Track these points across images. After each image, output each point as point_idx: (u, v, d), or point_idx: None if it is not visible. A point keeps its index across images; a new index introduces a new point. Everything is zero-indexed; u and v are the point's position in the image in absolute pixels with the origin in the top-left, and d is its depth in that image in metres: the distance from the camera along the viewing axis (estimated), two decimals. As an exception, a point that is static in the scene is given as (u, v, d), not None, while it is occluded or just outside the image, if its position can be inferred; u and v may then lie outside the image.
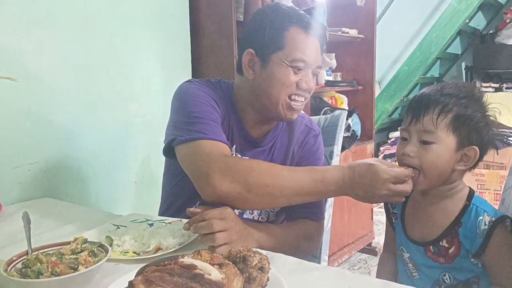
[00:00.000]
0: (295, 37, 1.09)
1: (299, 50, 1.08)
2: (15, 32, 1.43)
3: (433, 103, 0.97)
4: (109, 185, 1.75)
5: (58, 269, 0.76)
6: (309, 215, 1.17)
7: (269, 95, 1.11)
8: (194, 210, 0.94)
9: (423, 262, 1.03)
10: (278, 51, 1.09)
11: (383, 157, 4.16)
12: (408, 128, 0.99)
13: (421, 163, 0.97)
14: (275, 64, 1.09)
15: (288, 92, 1.10)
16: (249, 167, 0.99)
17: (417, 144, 0.98)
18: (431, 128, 0.95)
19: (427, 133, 0.96)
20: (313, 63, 1.11)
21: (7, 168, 1.43)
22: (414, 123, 0.98)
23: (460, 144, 0.96)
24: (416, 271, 1.05)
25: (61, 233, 1.09)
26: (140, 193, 1.37)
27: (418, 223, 1.05)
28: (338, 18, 2.88)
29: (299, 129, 1.25)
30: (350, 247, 2.88)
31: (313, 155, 1.23)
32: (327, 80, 3.02)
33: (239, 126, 1.18)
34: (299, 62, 1.08)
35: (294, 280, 0.79)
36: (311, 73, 1.12)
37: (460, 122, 0.95)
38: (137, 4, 1.81)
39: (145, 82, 1.86)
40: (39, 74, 1.50)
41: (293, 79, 1.09)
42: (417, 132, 0.97)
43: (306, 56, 1.09)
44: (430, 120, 0.96)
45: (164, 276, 0.63)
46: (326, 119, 1.40)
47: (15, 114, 1.44)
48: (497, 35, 4.10)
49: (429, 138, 0.96)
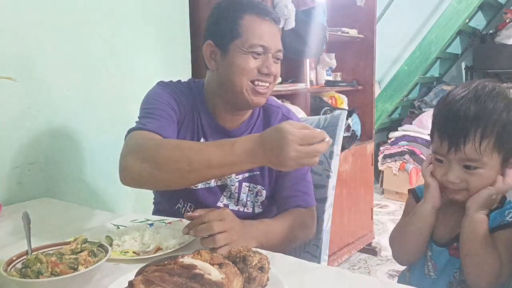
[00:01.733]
0: (250, 24, 1.12)
1: (256, 36, 1.11)
2: (15, 32, 1.43)
3: (472, 126, 0.89)
4: (109, 185, 1.75)
5: (58, 269, 0.76)
6: (300, 203, 1.18)
7: (233, 83, 1.14)
8: (192, 214, 0.94)
9: (444, 262, 1.00)
10: (235, 40, 1.12)
11: (383, 157, 4.16)
12: (448, 156, 0.94)
13: (468, 187, 0.93)
14: (235, 52, 1.12)
15: (250, 77, 1.13)
16: (158, 145, 0.99)
17: (460, 169, 0.93)
18: (475, 157, 0.90)
19: (470, 161, 0.91)
20: (271, 47, 1.13)
21: (7, 168, 1.43)
22: (454, 152, 0.92)
23: (505, 158, 0.93)
24: (434, 271, 1.02)
25: (61, 233, 1.08)
26: (140, 193, 1.37)
27: (444, 226, 1.02)
28: (338, 18, 2.88)
29: (275, 119, 1.24)
30: (350, 247, 2.88)
31: None
32: (327, 80, 3.02)
33: (210, 120, 1.21)
34: (257, 47, 1.11)
35: (294, 280, 0.79)
36: (271, 58, 1.14)
37: (503, 139, 0.91)
38: (137, 4, 1.81)
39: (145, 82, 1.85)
40: (39, 74, 1.50)
41: (252, 64, 1.12)
42: (459, 160, 0.92)
43: (264, 41, 1.12)
44: (472, 148, 0.90)
45: (164, 276, 0.63)
46: (326, 119, 1.40)
47: (15, 114, 1.44)
48: (497, 35, 4.10)
49: (473, 164, 0.92)
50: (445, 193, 0.99)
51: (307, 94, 2.66)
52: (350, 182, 2.82)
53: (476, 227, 0.92)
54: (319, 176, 1.35)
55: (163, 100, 1.15)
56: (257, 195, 1.22)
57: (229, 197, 1.22)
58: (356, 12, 2.95)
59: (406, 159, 3.94)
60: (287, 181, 1.20)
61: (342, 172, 2.70)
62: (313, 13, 2.43)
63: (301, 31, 2.38)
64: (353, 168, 2.83)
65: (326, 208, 1.32)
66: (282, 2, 2.22)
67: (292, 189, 1.19)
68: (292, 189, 1.19)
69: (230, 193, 1.21)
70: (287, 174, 1.19)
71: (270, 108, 1.27)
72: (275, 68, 1.15)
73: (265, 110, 1.27)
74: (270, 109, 1.26)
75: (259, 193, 1.21)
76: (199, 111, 1.21)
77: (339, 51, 3.07)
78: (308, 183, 1.22)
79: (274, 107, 1.27)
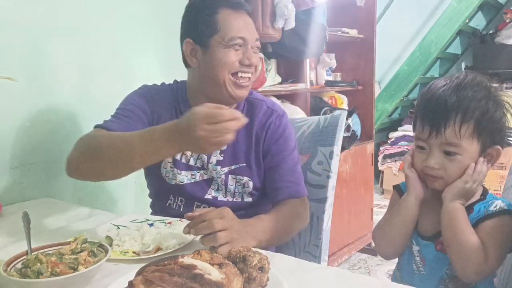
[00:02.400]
0: (226, 17, 1.15)
1: (234, 29, 1.14)
2: (15, 32, 1.43)
3: (452, 111, 0.92)
4: (109, 185, 1.75)
5: (58, 269, 0.76)
6: (292, 194, 1.19)
7: (215, 77, 1.16)
8: (192, 214, 0.94)
9: (432, 257, 1.00)
10: (215, 35, 1.15)
11: (383, 157, 4.16)
12: (428, 141, 0.96)
13: (446, 174, 0.95)
14: (215, 46, 1.15)
15: (231, 70, 1.16)
16: (93, 136, 1.07)
17: (440, 155, 0.95)
18: (455, 141, 0.93)
19: (450, 146, 0.93)
20: (250, 38, 1.16)
21: (7, 168, 1.44)
22: (434, 136, 0.94)
23: (484, 147, 0.95)
24: (423, 266, 1.02)
25: (61, 233, 1.09)
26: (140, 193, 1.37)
27: (430, 220, 1.02)
28: (338, 18, 2.88)
29: (260, 112, 1.25)
30: (350, 247, 2.88)
31: (280, 135, 1.23)
32: (327, 80, 3.02)
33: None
34: (237, 39, 1.14)
35: (294, 280, 0.79)
36: (250, 49, 1.17)
37: (482, 126, 0.93)
38: (137, 4, 1.80)
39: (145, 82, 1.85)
40: (39, 74, 1.50)
41: (234, 57, 1.15)
42: (439, 144, 0.94)
43: (242, 33, 1.15)
44: (452, 133, 0.92)
45: (164, 276, 0.63)
46: (326, 119, 1.40)
47: (15, 114, 1.44)
48: (497, 35, 4.10)
49: (453, 150, 0.93)
50: (426, 182, 1.00)
51: (307, 94, 2.66)
52: (350, 182, 2.82)
53: (452, 215, 0.94)
54: (319, 176, 1.35)
55: (132, 102, 1.21)
56: (244, 186, 1.23)
57: (217, 190, 1.23)
58: (356, 12, 2.95)
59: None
60: (277, 173, 1.21)
61: (342, 172, 2.70)
62: (313, 13, 2.43)
63: (301, 31, 2.38)
64: (353, 168, 2.83)
65: (326, 208, 1.32)
66: (282, 2, 2.22)
67: (283, 180, 1.20)
68: (283, 180, 1.20)
69: (218, 185, 1.23)
70: (277, 166, 1.21)
71: (254, 102, 1.28)
72: (255, 58, 1.18)
73: (249, 104, 1.28)
74: (255, 102, 1.28)
75: (246, 184, 1.22)
76: (181, 110, 1.23)
77: (339, 51, 3.08)
78: (298, 174, 1.23)
79: (258, 100, 1.28)
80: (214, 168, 1.21)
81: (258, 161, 1.23)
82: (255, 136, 1.23)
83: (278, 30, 2.29)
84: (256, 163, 1.23)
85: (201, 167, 1.23)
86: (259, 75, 2.33)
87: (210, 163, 1.21)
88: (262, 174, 1.24)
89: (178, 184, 1.22)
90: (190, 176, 1.22)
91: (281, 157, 1.21)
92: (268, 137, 1.23)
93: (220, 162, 1.22)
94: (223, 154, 1.22)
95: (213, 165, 1.21)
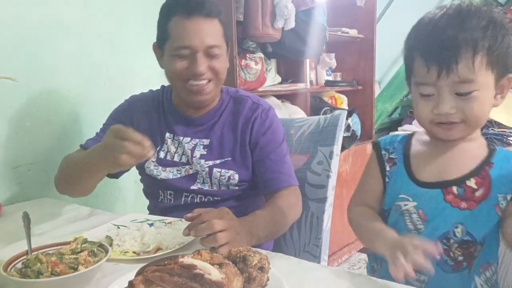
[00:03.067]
0: (176, 25, 1.14)
1: (180, 38, 1.13)
2: (15, 32, 1.43)
3: (462, 44, 0.80)
4: (109, 185, 1.75)
5: (58, 269, 0.76)
6: (284, 184, 1.19)
7: (170, 82, 1.22)
8: (192, 215, 0.93)
9: (438, 209, 0.89)
10: (166, 42, 1.16)
11: (383, 157, 4.16)
12: (437, 83, 0.83)
13: (465, 117, 0.84)
14: (166, 54, 1.17)
15: (180, 78, 1.16)
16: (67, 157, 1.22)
17: (453, 97, 0.83)
18: (470, 76, 0.81)
19: (464, 83, 0.81)
20: (198, 45, 1.12)
21: (7, 168, 1.44)
22: (445, 76, 0.81)
23: (499, 78, 0.84)
24: (423, 223, 0.91)
25: (61, 233, 1.09)
26: (140, 193, 1.37)
27: (432, 164, 0.92)
28: (338, 18, 2.88)
29: (245, 106, 1.26)
30: (350, 247, 2.88)
31: (268, 128, 1.24)
32: (327, 80, 3.02)
33: (177, 114, 1.27)
34: (181, 49, 1.13)
35: (294, 280, 0.79)
36: (202, 56, 1.13)
37: (495, 54, 0.81)
38: (137, 4, 1.81)
39: (145, 82, 1.86)
40: (39, 74, 1.50)
41: (180, 66, 1.14)
42: (452, 85, 0.82)
43: (187, 41, 1.12)
44: (466, 67, 0.80)
45: (164, 276, 0.63)
46: (326, 119, 1.40)
47: (15, 114, 1.44)
48: (497, 35, 4.10)
49: (467, 88, 0.82)
50: (436, 134, 0.90)
51: (307, 94, 2.66)
52: (350, 182, 2.82)
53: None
54: (319, 176, 1.35)
55: (114, 117, 1.29)
56: (230, 179, 1.23)
57: (203, 183, 1.25)
58: (356, 12, 2.95)
59: (406, 159, 3.94)
60: (267, 165, 1.22)
61: (342, 172, 2.70)
62: (313, 13, 2.43)
63: (301, 31, 2.39)
64: (353, 168, 2.83)
65: (326, 208, 1.32)
66: (282, 2, 2.22)
67: (273, 171, 1.20)
68: (273, 171, 1.20)
69: (203, 178, 1.24)
70: (266, 157, 1.22)
71: (239, 98, 1.29)
72: (204, 67, 1.14)
73: (235, 100, 1.29)
74: (239, 98, 1.29)
75: (232, 177, 1.23)
76: (165, 110, 1.29)
77: (339, 51, 3.08)
78: (288, 165, 1.24)
79: (243, 96, 1.29)
80: (198, 162, 1.23)
81: (244, 155, 1.24)
82: (240, 130, 1.24)
83: (278, 30, 2.29)
84: (242, 157, 1.24)
85: (186, 162, 1.25)
86: (259, 75, 2.33)
87: (194, 157, 1.24)
88: (250, 167, 1.24)
89: (164, 179, 1.25)
90: (176, 172, 1.25)
91: (270, 149, 1.22)
92: (255, 130, 1.23)
93: (204, 156, 1.23)
94: (206, 149, 1.24)
95: (197, 158, 1.23)
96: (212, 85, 1.18)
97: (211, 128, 1.26)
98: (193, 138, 1.25)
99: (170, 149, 1.26)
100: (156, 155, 1.26)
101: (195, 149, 1.24)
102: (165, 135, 1.27)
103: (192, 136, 1.26)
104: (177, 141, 1.26)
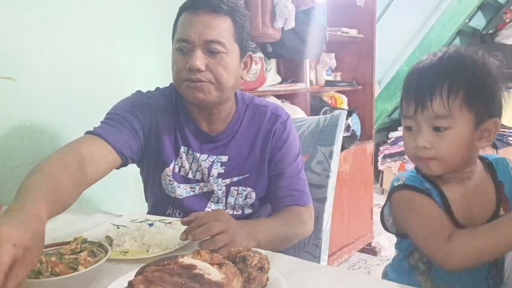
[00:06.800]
0: (182, 20, 1.10)
1: (180, 32, 1.09)
2: (15, 32, 1.43)
3: (438, 81, 0.85)
4: (109, 185, 1.74)
5: (58, 269, 0.76)
6: (297, 202, 1.16)
7: (173, 81, 1.15)
8: (188, 219, 0.92)
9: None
10: (174, 38, 1.13)
11: (383, 157, 4.16)
12: (415, 117, 0.88)
13: (438, 153, 0.87)
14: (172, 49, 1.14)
15: (180, 76, 1.09)
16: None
17: (430, 132, 0.87)
18: (444, 113, 0.84)
19: (440, 119, 0.85)
20: (196, 39, 1.05)
21: (7, 168, 1.43)
22: (421, 111, 0.86)
23: (478, 120, 0.86)
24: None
25: (61, 233, 1.09)
26: (140, 193, 1.37)
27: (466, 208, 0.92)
28: (338, 18, 2.88)
29: (264, 118, 1.20)
30: (349, 247, 2.88)
31: (284, 142, 1.19)
32: (327, 80, 3.02)
33: (193, 126, 1.18)
34: (181, 42, 1.08)
35: (294, 280, 0.79)
36: (199, 52, 1.06)
37: (473, 96, 0.84)
38: (137, 4, 1.80)
39: (145, 82, 1.86)
40: (39, 74, 1.50)
41: (180, 61, 1.09)
42: (428, 119, 0.86)
43: (185, 34, 1.07)
44: (440, 104, 0.84)
45: (164, 276, 0.63)
46: (326, 119, 1.40)
47: (15, 114, 1.44)
48: (497, 35, 4.10)
49: (443, 124, 0.85)
50: (420, 168, 0.93)
51: (307, 94, 2.66)
52: (350, 182, 2.82)
53: None
54: (319, 176, 1.35)
55: (126, 109, 1.14)
56: (247, 198, 1.20)
57: (217, 202, 1.20)
58: (356, 12, 2.95)
59: (406, 159, 3.94)
60: (281, 181, 1.18)
61: (342, 172, 2.70)
62: (313, 13, 2.43)
63: (301, 31, 2.39)
64: (353, 168, 2.83)
65: (325, 208, 1.32)
66: (282, 2, 2.22)
67: (288, 188, 1.17)
68: (288, 189, 1.17)
69: (218, 198, 1.20)
70: (282, 173, 1.18)
71: (258, 108, 1.22)
72: (200, 62, 1.05)
73: (252, 111, 1.22)
74: (258, 109, 1.22)
75: (249, 195, 1.20)
76: (179, 115, 1.19)
77: (339, 51, 3.08)
78: (303, 181, 1.20)
79: (261, 107, 1.22)
80: (215, 181, 1.18)
81: (263, 170, 1.19)
82: (260, 146, 1.19)
83: (278, 30, 2.29)
84: (261, 173, 1.19)
85: (201, 179, 1.19)
86: (259, 75, 2.33)
87: (211, 176, 1.18)
88: (266, 183, 1.20)
89: (177, 197, 1.18)
90: (189, 189, 1.19)
91: (285, 165, 1.18)
92: (273, 144, 1.19)
93: (221, 175, 1.18)
94: (224, 166, 1.18)
95: (214, 177, 1.18)
96: (212, 88, 1.09)
97: (228, 143, 1.19)
98: (210, 155, 1.18)
99: (184, 164, 1.18)
100: (171, 167, 1.18)
101: (212, 167, 1.18)
102: (180, 149, 1.18)
103: (208, 153, 1.18)
104: (191, 156, 1.18)
